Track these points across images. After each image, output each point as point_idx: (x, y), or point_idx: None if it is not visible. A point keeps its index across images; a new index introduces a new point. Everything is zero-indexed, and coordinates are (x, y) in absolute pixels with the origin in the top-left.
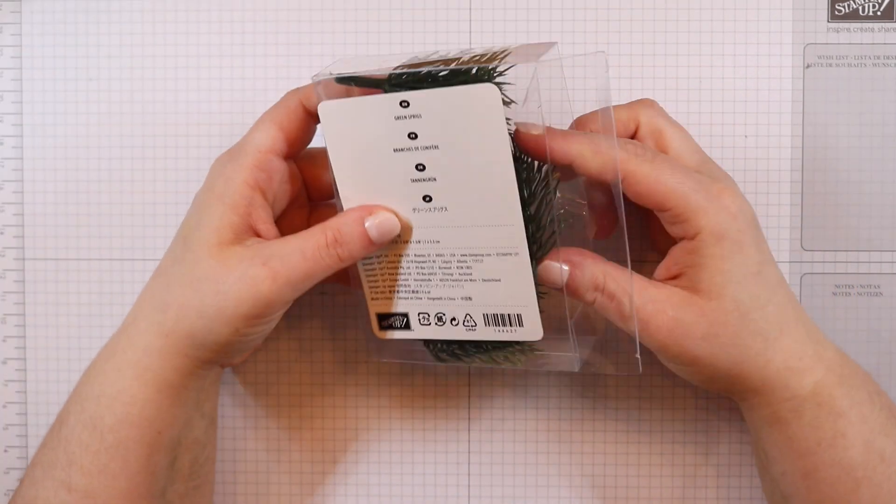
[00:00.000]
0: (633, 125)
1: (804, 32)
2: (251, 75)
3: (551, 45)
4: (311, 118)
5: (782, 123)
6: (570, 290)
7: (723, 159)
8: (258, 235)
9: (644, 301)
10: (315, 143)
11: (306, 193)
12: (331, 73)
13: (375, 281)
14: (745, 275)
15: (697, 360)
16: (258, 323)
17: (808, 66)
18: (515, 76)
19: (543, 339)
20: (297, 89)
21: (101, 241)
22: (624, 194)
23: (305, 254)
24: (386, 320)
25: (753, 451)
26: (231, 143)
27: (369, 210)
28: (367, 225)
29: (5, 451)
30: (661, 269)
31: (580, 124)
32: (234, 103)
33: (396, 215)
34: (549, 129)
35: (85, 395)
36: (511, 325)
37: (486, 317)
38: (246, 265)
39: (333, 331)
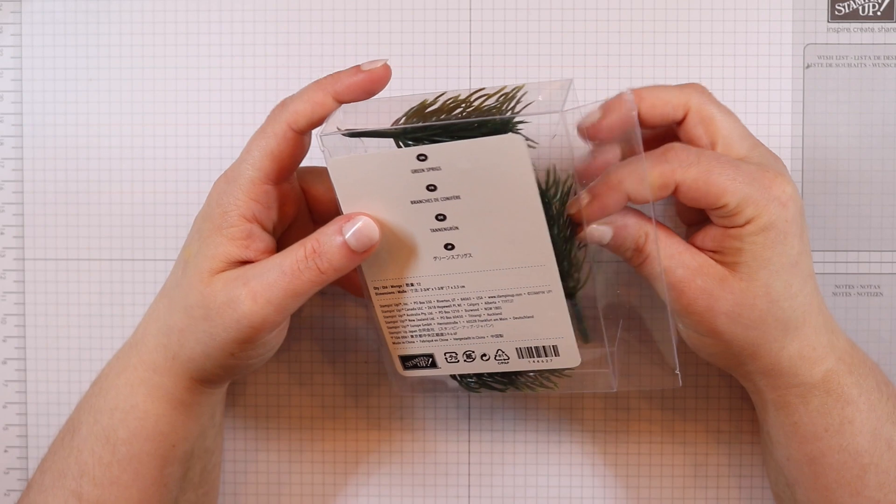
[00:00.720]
0: (683, 111)
1: (804, 32)
2: (251, 75)
3: (568, 82)
4: (301, 139)
5: (782, 123)
6: (613, 248)
7: None
8: (251, 261)
9: (675, 265)
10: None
11: (308, 212)
12: (338, 129)
13: (395, 326)
14: (783, 264)
15: (716, 333)
16: (250, 347)
17: (808, 66)
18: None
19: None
20: (283, 108)
21: (101, 241)
22: (676, 199)
23: (283, 269)
24: (410, 360)
25: (761, 436)
26: (231, 144)
27: (347, 218)
28: (344, 233)
29: (5, 451)
30: (697, 239)
31: (608, 108)
32: (234, 103)
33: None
34: (587, 205)
35: (98, 407)
36: (547, 355)
37: (519, 350)
38: (229, 288)
39: (334, 353)
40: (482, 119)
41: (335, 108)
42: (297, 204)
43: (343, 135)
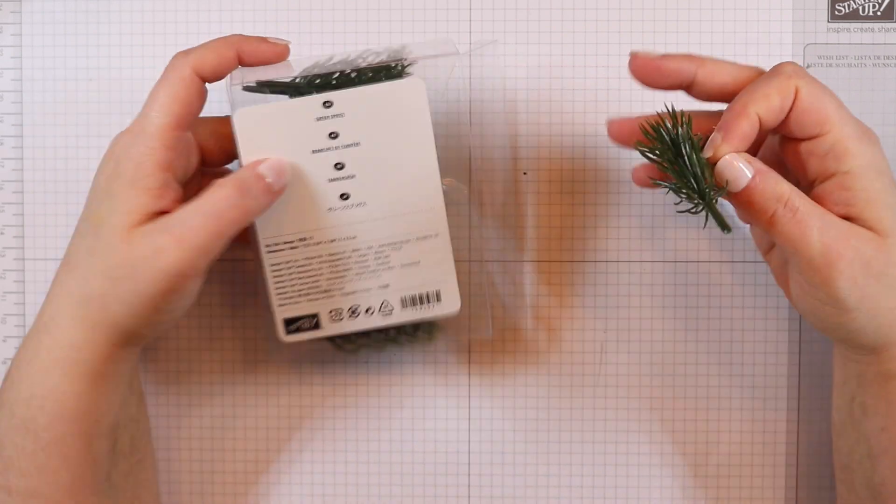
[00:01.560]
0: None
1: (804, 32)
2: None
3: (449, 41)
4: (203, 86)
5: None
6: (749, 193)
7: None
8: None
9: (827, 224)
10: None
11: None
12: (245, 80)
13: (283, 286)
14: None
15: (863, 302)
16: (177, 297)
17: (808, 67)
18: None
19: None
20: (187, 55)
21: None
22: (776, 127)
23: (206, 212)
24: (293, 324)
25: (838, 404)
26: None
27: (257, 161)
28: (261, 169)
29: None
30: (824, 207)
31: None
32: None
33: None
34: (721, 142)
35: (12, 399)
36: (429, 302)
37: (403, 300)
38: (151, 239)
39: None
40: (386, 62)
41: (235, 67)
42: (197, 155)
43: (256, 84)
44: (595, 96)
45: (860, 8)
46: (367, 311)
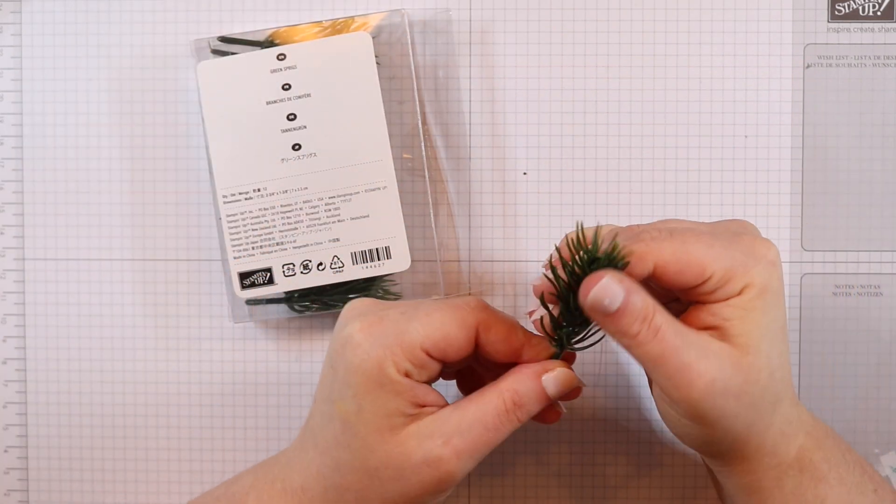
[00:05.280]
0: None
1: (804, 32)
2: None
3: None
4: (471, 348)
5: (782, 123)
6: (620, 315)
7: (723, 159)
8: (425, 405)
9: (686, 343)
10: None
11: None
12: (210, 36)
13: (238, 238)
14: (778, 329)
15: (723, 420)
16: (442, 493)
17: (808, 66)
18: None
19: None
20: (479, 308)
21: (101, 241)
22: (658, 285)
23: (487, 424)
24: (248, 277)
25: None
26: None
27: (545, 367)
28: (545, 383)
29: (5, 451)
30: (693, 320)
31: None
32: None
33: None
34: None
35: None
36: (379, 259)
37: (353, 256)
38: (427, 448)
39: None
40: (332, 18)
41: (509, 350)
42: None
43: (219, 39)
44: (595, 96)
45: (860, 8)
46: (318, 266)
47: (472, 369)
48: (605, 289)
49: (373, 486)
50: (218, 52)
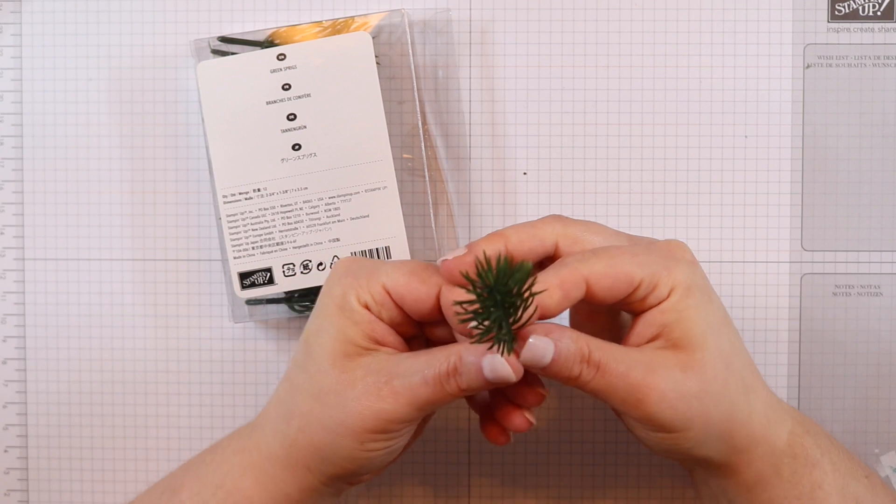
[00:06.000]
0: (552, 244)
1: (804, 32)
2: None
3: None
4: (436, 311)
5: (782, 123)
6: (556, 364)
7: (723, 159)
8: (384, 345)
9: (629, 366)
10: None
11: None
12: (210, 36)
13: (238, 237)
14: (718, 322)
15: (691, 422)
16: (382, 438)
17: (808, 66)
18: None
19: None
20: (427, 282)
21: (101, 241)
22: (589, 303)
23: (426, 378)
24: (248, 277)
25: None
26: None
27: (491, 351)
28: (484, 366)
29: (5, 451)
30: (634, 337)
31: (474, 247)
32: None
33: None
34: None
35: (205, 478)
36: (380, 258)
37: (353, 256)
38: (370, 381)
39: None
40: (332, 18)
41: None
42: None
43: (219, 39)
44: (595, 96)
45: (860, 8)
46: (318, 266)
47: None
48: (533, 348)
49: (315, 412)
50: (218, 52)
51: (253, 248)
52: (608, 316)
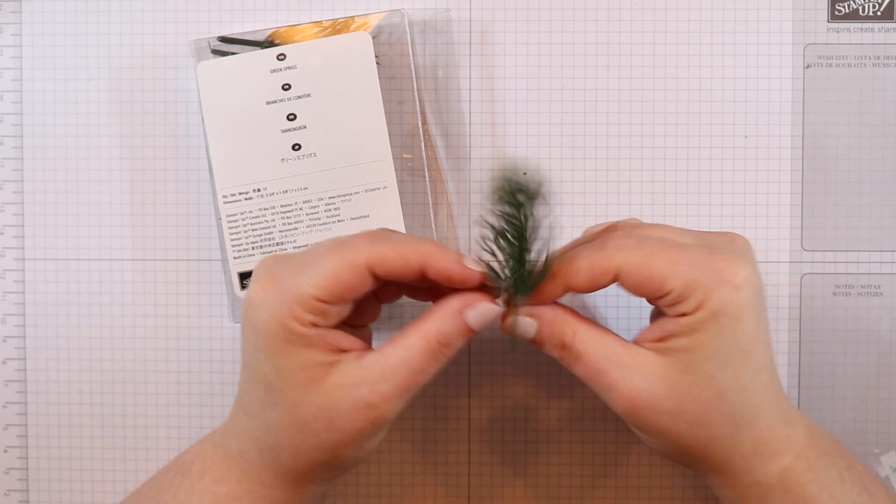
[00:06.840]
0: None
1: (804, 32)
2: None
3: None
4: (371, 279)
5: (782, 123)
6: (536, 343)
7: (723, 159)
8: (345, 350)
9: (611, 366)
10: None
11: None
12: (210, 36)
13: (238, 238)
14: (734, 353)
15: (661, 433)
16: (382, 430)
17: (808, 66)
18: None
19: None
20: (371, 242)
21: (101, 241)
22: (623, 288)
23: (413, 368)
24: (248, 278)
25: None
26: None
27: (466, 301)
28: (467, 316)
29: (5, 451)
30: (647, 332)
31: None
32: None
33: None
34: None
35: None
36: None
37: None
38: (354, 396)
39: None
40: (336, 19)
41: (413, 275)
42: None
43: (219, 39)
44: (595, 96)
45: (860, 8)
46: None
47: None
48: (517, 324)
49: (306, 440)
50: (218, 52)
51: (253, 248)
52: None
